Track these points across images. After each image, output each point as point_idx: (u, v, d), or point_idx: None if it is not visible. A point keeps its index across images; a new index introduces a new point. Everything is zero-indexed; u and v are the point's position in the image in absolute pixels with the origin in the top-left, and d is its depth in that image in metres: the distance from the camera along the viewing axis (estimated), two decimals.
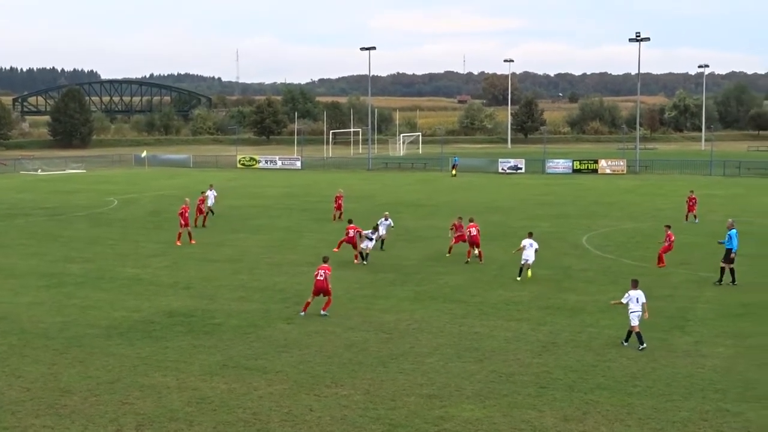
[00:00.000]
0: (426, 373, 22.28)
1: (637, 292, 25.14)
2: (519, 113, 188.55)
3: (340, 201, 54.84)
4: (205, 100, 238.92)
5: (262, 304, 30.26)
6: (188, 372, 22.39)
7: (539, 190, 76.62)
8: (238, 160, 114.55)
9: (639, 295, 25.08)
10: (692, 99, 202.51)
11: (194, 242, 44.06)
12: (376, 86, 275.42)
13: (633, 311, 24.86)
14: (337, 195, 55.61)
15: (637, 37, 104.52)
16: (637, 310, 24.86)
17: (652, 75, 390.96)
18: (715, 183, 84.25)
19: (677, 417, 19.21)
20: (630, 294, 25.17)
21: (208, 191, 54.16)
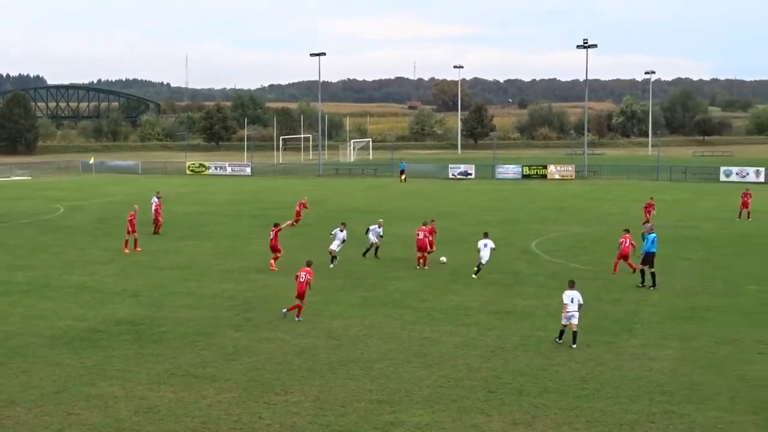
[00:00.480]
0: (375, 379, 22.25)
1: (573, 292, 25.61)
2: (469, 119, 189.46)
3: (300, 208, 55.26)
4: (153, 105, 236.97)
5: (210, 312, 30.02)
6: (135, 381, 22.13)
7: (489, 196, 77.01)
8: (187, 166, 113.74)
9: (575, 295, 25.52)
10: (639, 105, 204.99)
11: (139, 249, 43.61)
12: (326, 92, 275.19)
13: (569, 311, 25.34)
14: (301, 201, 56.04)
15: (584, 43, 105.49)
16: (573, 311, 25.27)
17: (599, 81, 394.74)
18: (662, 188, 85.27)
19: (625, 419, 19.37)
20: (566, 294, 25.67)
21: (154, 198, 53.63)
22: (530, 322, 28.46)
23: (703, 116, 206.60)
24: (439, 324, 28.21)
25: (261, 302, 31.48)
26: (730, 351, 24.94)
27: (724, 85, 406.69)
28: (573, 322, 25.37)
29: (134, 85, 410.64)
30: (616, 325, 28.02)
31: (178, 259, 41.53)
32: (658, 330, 27.41)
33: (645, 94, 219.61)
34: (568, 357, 24.25)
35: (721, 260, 40.75)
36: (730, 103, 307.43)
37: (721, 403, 20.44)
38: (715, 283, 35.03)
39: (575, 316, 25.39)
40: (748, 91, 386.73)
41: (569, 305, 25.41)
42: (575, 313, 25.38)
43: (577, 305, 25.45)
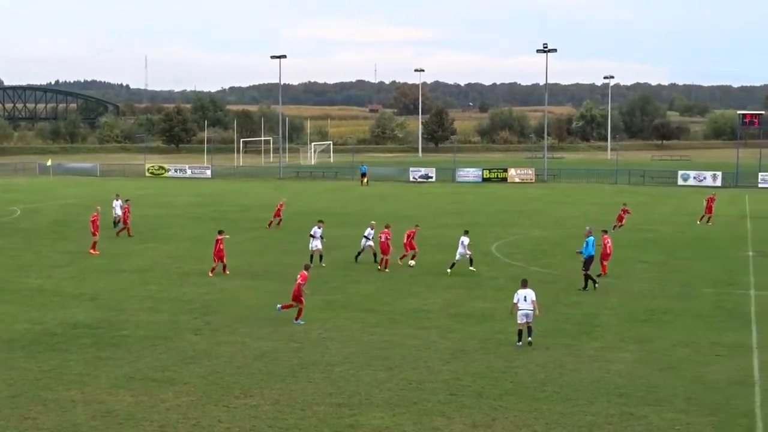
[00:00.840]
0: (336, 382, 22.24)
1: (525, 290, 26.09)
2: (430, 122, 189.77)
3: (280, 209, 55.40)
4: (112, 107, 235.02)
5: (170, 315, 29.85)
6: (93, 385, 21.94)
7: (450, 199, 77.24)
8: (146, 168, 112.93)
9: (528, 294, 25.97)
10: (598, 109, 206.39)
11: (97, 252, 43.24)
12: (287, 95, 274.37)
13: (521, 309, 25.78)
14: (281, 203, 56.16)
15: (544, 48, 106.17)
16: (525, 308, 25.75)
17: (560, 85, 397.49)
18: (621, 191, 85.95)
19: (583, 421, 19.52)
20: (519, 293, 26.06)
21: (114, 201, 53.25)
22: (490, 324, 28.60)
23: (661, 121, 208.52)
24: (400, 327, 28.26)
25: (220, 306, 31.35)
26: (687, 353, 25.22)
27: (682, 90, 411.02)
28: (528, 320, 25.86)
29: (93, 86, 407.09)
30: (575, 327, 28.24)
31: (138, 262, 41.24)
32: (617, 332, 27.66)
33: (604, 99, 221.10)
34: (528, 359, 24.40)
35: (678, 263, 41.19)
36: (688, 108, 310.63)
37: (677, 404, 20.66)
38: (672, 286, 35.40)
39: (530, 315, 25.86)
40: (706, 96, 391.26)
41: (520, 303, 25.90)
42: (529, 311, 25.82)
43: (530, 302, 25.89)
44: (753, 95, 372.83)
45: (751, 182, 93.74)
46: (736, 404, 20.66)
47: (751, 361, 24.45)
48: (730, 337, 27.04)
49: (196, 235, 51.32)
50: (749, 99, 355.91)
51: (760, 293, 33.96)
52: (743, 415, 19.90)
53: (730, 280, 36.84)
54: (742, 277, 37.57)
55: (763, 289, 34.70)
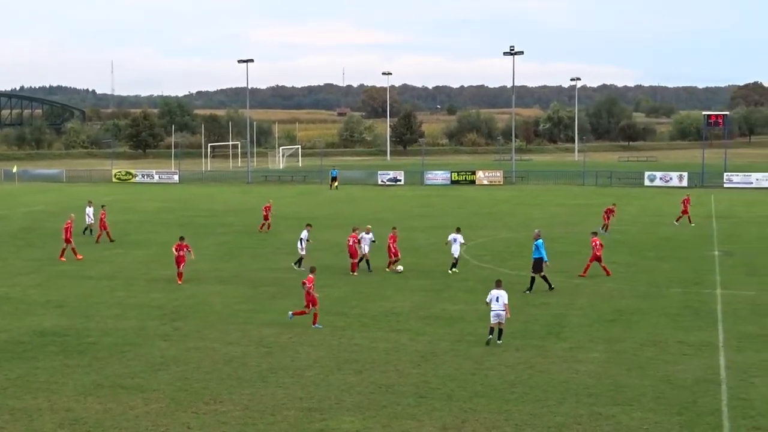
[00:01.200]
0: (306, 387, 22.20)
1: (499, 291, 26.33)
2: (398, 125, 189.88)
3: (267, 212, 55.29)
4: (78, 113, 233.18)
5: (138, 321, 29.68)
6: (61, 393, 21.77)
7: (418, 202, 77.33)
8: (113, 174, 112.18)
9: (500, 295, 26.22)
10: (566, 111, 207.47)
11: (63, 259, 42.91)
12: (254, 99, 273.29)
13: (493, 310, 26.10)
14: (266, 206, 55.90)
15: (511, 50, 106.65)
16: (497, 309, 26.07)
17: (527, 88, 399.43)
18: (588, 193, 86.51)
19: (553, 422, 19.61)
20: (492, 293, 26.37)
21: (87, 208, 52.82)
22: (460, 326, 28.66)
23: (627, 122, 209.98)
24: (370, 330, 28.27)
25: (189, 311, 31.21)
26: (655, 353, 25.41)
27: (648, 92, 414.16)
28: (500, 320, 26.19)
29: (58, 91, 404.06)
30: (544, 329, 28.37)
31: (106, 268, 40.97)
32: (585, 333, 27.81)
33: (571, 101, 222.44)
34: (498, 361, 24.48)
35: (646, 264, 41.49)
36: (654, 109, 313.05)
37: (645, 404, 20.81)
38: (640, 286, 35.65)
39: (501, 315, 26.13)
40: (672, 97, 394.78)
41: (493, 303, 26.20)
42: (501, 312, 26.09)
43: (502, 304, 26.13)
44: (718, 96, 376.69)
45: (717, 182, 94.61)
46: (703, 403, 20.84)
47: (718, 359, 24.68)
48: (697, 336, 27.27)
49: (165, 240, 50.98)
50: (714, 100, 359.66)
51: (726, 292, 34.29)
52: (710, 414, 20.08)
53: (697, 280, 37.16)
54: (708, 277, 37.91)
55: (729, 288, 35.05)
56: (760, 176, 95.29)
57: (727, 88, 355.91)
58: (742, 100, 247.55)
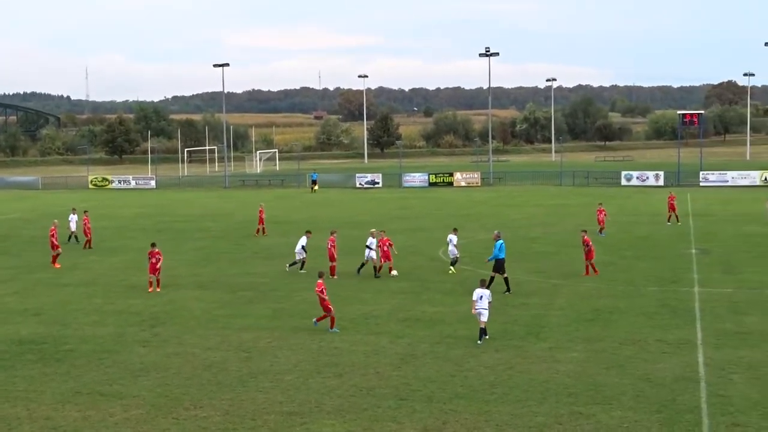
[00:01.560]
0: (286, 391, 22.15)
1: (482, 290, 26.85)
2: (375, 128, 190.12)
3: (262, 215, 55.47)
4: (53, 119, 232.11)
5: (117, 328, 29.52)
6: (39, 401, 21.62)
7: (396, 204, 77.40)
8: (89, 180, 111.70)
9: (484, 293, 26.73)
10: (542, 112, 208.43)
11: (58, 266, 42.57)
12: (231, 103, 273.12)
13: (477, 309, 26.61)
14: (260, 209, 56.15)
15: (487, 52, 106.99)
16: (480, 308, 26.57)
17: (503, 89, 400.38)
18: (566, 193, 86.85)
19: (533, 422, 19.64)
20: (476, 291, 26.85)
21: (70, 215, 52.43)
22: (439, 328, 28.68)
23: (603, 122, 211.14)
24: (349, 333, 28.23)
25: (168, 317, 31.08)
26: (634, 351, 25.51)
27: (623, 92, 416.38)
28: (482, 319, 26.56)
29: (32, 98, 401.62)
30: (523, 329, 28.42)
31: (83, 275, 40.75)
32: (564, 333, 27.89)
33: (547, 101, 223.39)
34: (477, 362, 24.50)
35: (624, 263, 41.66)
36: (630, 109, 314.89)
37: (625, 402, 20.88)
38: (618, 286, 35.79)
39: (483, 314, 26.53)
40: (647, 97, 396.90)
41: (477, 302, 26.60)
42: (484, 310, 26.54)
43: (486, 302, 26.61)
44: (692, 95, 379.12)
45: (693, 181, 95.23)
46: (682, 400, 20.93)
47: (696, 357, 24.80)
48: (676, 334, 27.40)
49: (142, 246, 50.63)
50: (689, 99, 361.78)
51: (703, 290, 34.48)
52: (689, 411, 20.17)
53: (674, 278, 37.35)
54: (685, 275, 38.11)
55: (706, 286, 35.24)
56: (736, 174, 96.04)
57: (702, 87, 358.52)
58: (716, 99, 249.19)
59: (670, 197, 58.84)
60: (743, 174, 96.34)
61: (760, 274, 37.99)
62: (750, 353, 25.05)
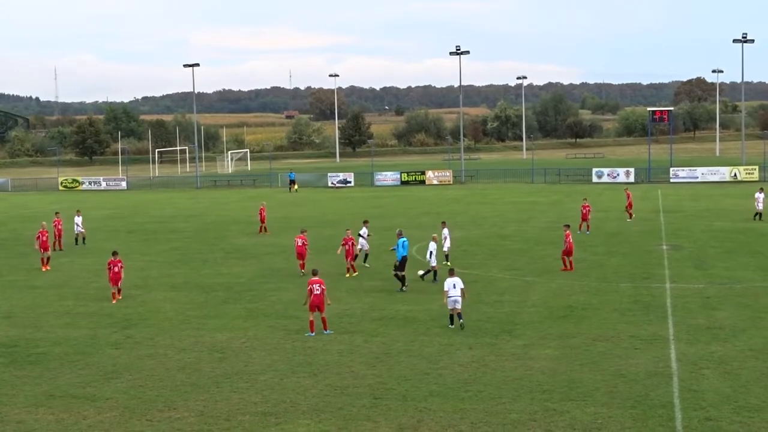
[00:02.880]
0: (260, 391, 22.10)
1: (454, 279, 28.17)
2: (346, 127, 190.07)
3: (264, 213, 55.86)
4: (22, 120, 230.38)
5: (89, 330, 29.33)
6: (11, 405, 21.44)
7: (369, 203, 77.40)
8: (59, 182, 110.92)
9: (456, 281, 28.07)
10: (513, 109, 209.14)
11: (48, 268, 42.13)
12: (201, 103, 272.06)
13: (451, 296, 27.96)
14: (261, 208, 56.55)
15: (457, 50, 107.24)
16: (455, 296, 27.93)
17: (474, 87, 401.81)
18: (537, 190, 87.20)
19: (508, 419, 19.70)
20: (447, 281, 28.19)
21: (75, 217, 51.90)
22: (413, 327, 28.70)
23: (574, 119, 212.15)
24: (323, 332, 28.18)
25: (141, 318, 30.92)
26: (607, 347, 25.64)
27: (593, 89, 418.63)
28: (457, 306, 27.96)
29: (1, 99, 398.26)
30: (497, 326, 28.50)
31: (54, 277, 40.45)
32: (538, 329, 27.99)
33: (518, 99, 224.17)
34: (451, 360, 24.55)
35: (595, 259, 41.86)
36: (600, 106, 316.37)
37: (599, 398, 20.99)
38: (590, 282, 35.97)
39: (458, 301, 27.94)
40: (616, 94, 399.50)
41: (450, 291, 27.92)
42: (458, 297, 27.92)
43: (459, 290, 27.94)
44: (662, 92, 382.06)
45: (663, 177, 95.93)
46: (655, 396, 21.07)
47: (669, 352, 24.96)
48: (648, 330, 27.57)
49: (113, 248, 50.44)
50: (658, 96, 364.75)
51: (674, 286, 34.73)
52: (662, 406, 20.31)
53: (646, 274, 37.58)
54: (657, 271, 38.35)
55: (677, 282, 35.49)
56: (705, 170, 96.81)
57: (671, 84, 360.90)
58: (685, 96, 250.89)
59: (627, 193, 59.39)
60: (713, 170, 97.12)
61: (730, 269, 38.32)
62: (721, 348, 25.25)
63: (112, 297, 33.99)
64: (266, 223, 55.55)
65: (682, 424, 19.17)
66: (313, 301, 27.73)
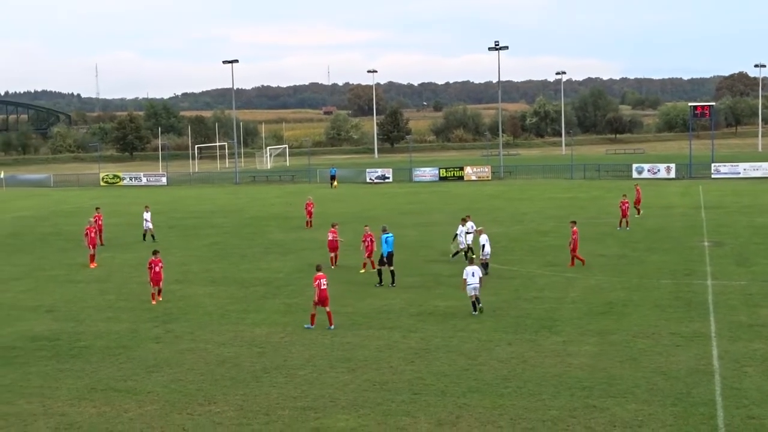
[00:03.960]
0: (299, 386, 22.18)
1: (473, 267, 29.77)
2: (385, 123, 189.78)
3: (311, 208, 56.53)
4: (64, 117, 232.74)
5: (130, 324, 29.60)
6: (54, 397, 21.70)
7: (407, 199, 77.34)
8: (101, 177, 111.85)
9: (475, 270, 29.69)
10: (552, 105, 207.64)
11: (95, 265, 42.40)
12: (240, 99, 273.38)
13: (470, 284, 29.49)
14: (307, 202, 57.11)
15: (496, 45, 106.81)
16: (473, 283, 29.45)
17: (512, 83, 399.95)
18: (576, 186, 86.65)
19: (547, 416, 19.62)
20: (467, 270, 29.65)
21: (144, 213, 51.74)
22: (452, 323, 28.67)
23: (614, 115, 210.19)
24: (362, 328, 28.25)
25: (181, 313, 31.15)
26: (647, 344, 25.45)
27: (633, 84, 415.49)
28: (476, 293, 29.67)
29: (43, 96, 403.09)
30: (536, 323, 28.39)
31: (96, 271, 40.86)
32: (577, 326, 27.84)
33: (557, 95, 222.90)
34: (490, 356, 24.49)
35: (636, 255, 41.56)
36: (640, 102, 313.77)
37: (639, 395, 20.84)
38: (631, 278, 35.71)
39: (477, 288, 29.60)
40: (657, 89, 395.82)
41: (469, 278, 29.48)
42: (477, 285, 29.55)
43: (478, 279, 29.57)
44: (703, 87, 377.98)
45: (704, 173, 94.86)
46: (696, 393, 20.89)
47: (710, 350, 24.74)
48: (689, 327, 27.33)
49: (154, 243, 50.89)
50: (700, 91, 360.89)
51: (716, 282, 34.39)
52: (704, 404, 20.13)
53: (687, 271, 37.24)
54: (699, 267, 37.99)
55: (719, 279, 35.14)
56: (748, 166, 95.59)
57: (713, 78, 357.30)
58: (727, 91, 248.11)
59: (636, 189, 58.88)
60: (755, 165, 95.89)
61: None
62: (764, 346, 24.98)
63: (152, 298, 33.21)
64: (312, 218, 55.71)
65: (724, 422, 18.99)
66: (319, 296, 28.15)
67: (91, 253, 42.85)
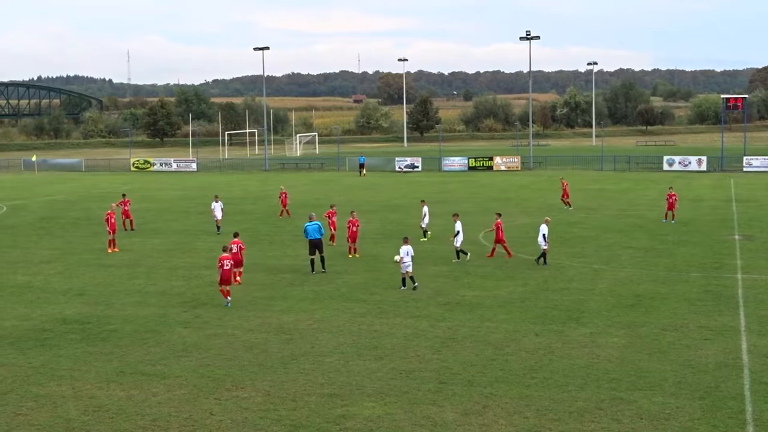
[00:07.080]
0: (326, 373, 22.27)
1: (407, 246, 31.93)
2: (414, 112, 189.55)
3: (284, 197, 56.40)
4: (96, 102, 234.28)
5: (159, 309, 29.82)
6: (84, 380, 21.92)
7: (436, 188, 77.26)
8: (131, 163, 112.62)
9: (408, 249, 31.90)
10: (582, 96, 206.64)
11: (117, 250, 42.68)
12: (271, 86, 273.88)
13: (404, 263, 31.84)
14: (281, 193, 57.05)
15: (527, 35, 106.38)
16: (408, 262, 31.83)
17: (543, 73, 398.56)
18: (606, 177, 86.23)
19: (574, 407, 19.59)
20: (402, 249, 31.87)
21: (213, 203, 50.73)
22: (479, 312, 28.65)
23: (645, 106, 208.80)
24: (389, 316, 28.30)
25: (209, 298, 31.32)
26: (676, 337, 25.33)
27: (665, 75, 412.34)
28: (408, 270, 31.94)
29: (75, 81, 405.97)
30: (564, 314, 28.32)
31: (125, 256, 41.15)
32: (605, 318, 27.75)
33: (588, 85, 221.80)
34: (518, 347, 24.47)
35: (665, 248, 41.32)
36: (672, 93, 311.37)
37: (667, 388, 20.76)
38: (659, 271, 35.53)
39: (410, 265, 31.90)
40: (689, 81, 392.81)
41: (405, 258, 31.72)
42: (410, 263, 31.85)
43: (410, 257, 31.84)
44: (736, 79, 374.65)
45: (736, 166, 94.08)
46: (725, 387, 20.78)
47: (739, 344, 24.59)
48: (718, 321, 27.17)
49: (184, 228, 51.25)
50: (732, 83, 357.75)
51: (746, 276, 34.14)
52: (732, 398, 20.02)
53: (717, 264, 36.99)
54: (728, 261, 37.72)
55: (750, 272, 34.88)
56: None
57: (746, 71, 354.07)
58: (760, 84, 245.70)
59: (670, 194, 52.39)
60: None
61: None
62: None
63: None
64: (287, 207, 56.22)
65: (752, 417, 18.88)
66: (223, 276, 29.94)
67: (111, 239, 43.06)
